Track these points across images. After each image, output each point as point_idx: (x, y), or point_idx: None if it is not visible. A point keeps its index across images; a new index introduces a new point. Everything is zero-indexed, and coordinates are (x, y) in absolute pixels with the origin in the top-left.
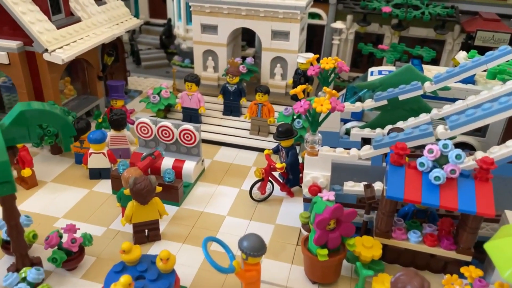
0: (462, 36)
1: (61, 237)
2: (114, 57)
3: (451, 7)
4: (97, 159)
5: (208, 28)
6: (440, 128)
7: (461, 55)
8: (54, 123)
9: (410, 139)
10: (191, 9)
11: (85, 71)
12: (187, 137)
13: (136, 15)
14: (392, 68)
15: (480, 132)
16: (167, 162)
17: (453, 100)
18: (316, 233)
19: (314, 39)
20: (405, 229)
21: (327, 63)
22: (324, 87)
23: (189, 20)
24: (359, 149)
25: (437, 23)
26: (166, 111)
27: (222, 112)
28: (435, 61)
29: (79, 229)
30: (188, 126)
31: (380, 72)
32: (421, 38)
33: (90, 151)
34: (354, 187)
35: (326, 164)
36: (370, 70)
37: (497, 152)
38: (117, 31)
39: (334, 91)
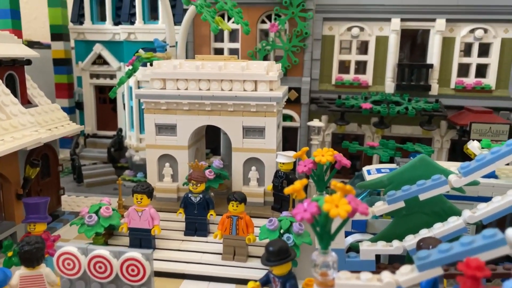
0: (451, 132)
1: None
2: (45, 171)
3: (435, 101)
4: None
5: (165, 129)
6: None
7: (475, 145)
8: None
9: (475, 251)
10: (143, 107)
11: None
12: (133, 270)
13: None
14: (389, 165)
15: None
16: None
17: (478, 199)
18: None
19: (287, 145)
20: None
21: (322, 155)
22: (333, 182)
23: (142, 129)
24: (392, 271)
25: (423, 119)
26: (108, 235)
27: (184, 231)
28: None
29: None
30: (134, 254)
31: (379, 170)
32: (405, 136)
33: None
34: None
35: None
36: (365, 168)
37: None
38: (44, 135)
39: (349, 186)
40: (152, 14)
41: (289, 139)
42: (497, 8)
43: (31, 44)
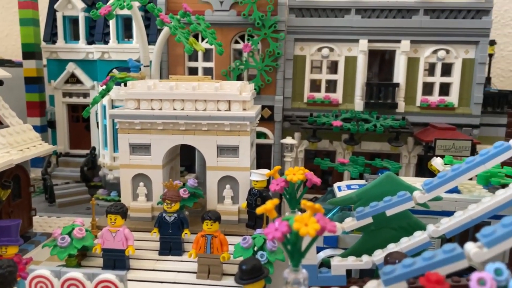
0: (417, 148)
1: None
2: (16, 192)
3: (402, 118)
4: None
5: (139, 148)
6: (471, 247)
7: (438, 161)
8: None
9: (436, 265)
10: (117, 127)
11: None
12: None
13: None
14: (357, 181)
15: None
16: None
17: (441, 213)
18: None
19: (261, 161)
20: None
21: (294, 174)
22: (303, 201)
23: (116, 147)
24: (361, 286)
25: (391, 136)
26: (81, 256)
27: (159, 251)
28: None
29: None
30: (108, 275)
31: (349, 187)
32: (375, 152)
33: None
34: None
35: None
36: (335, 185)
37: None
38: (16, 157)
39: (318, 205)
40: (126, 32)
41: (263, 156)
42: (457, 31)
43: (2, 62)
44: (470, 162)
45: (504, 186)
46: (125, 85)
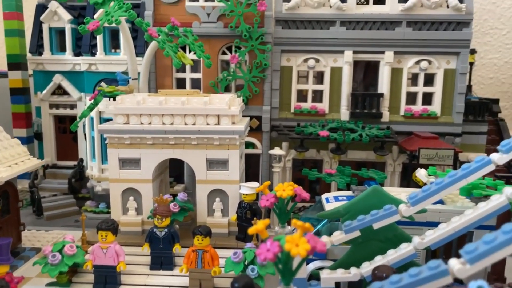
0: (402, 156)
1: None
2: (4, 208)
3: (387, 128)
4: None
5: (129, 163)
6: (455, 264)
7: (422, 173)
8: None
9: (422, 282)
10: (106, 142)
11: None
12: None
13: (41, 158)
14: (345, 193)
15: None
16: None
17: (426, 224)
18: None
19: (249, 171)
20: None
21: (283, 190)
22: (294, 220)
23: (104, 159)
24: None
25: (376, 145)
26: (72, 273)
27: (150, 266)
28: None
29: None
30: None
31: (336, 198)
32: (361, 161)
33: None
34: None
35: None
36: (323, 196)
37: None
38: (5, 174)
39: (308, 224)
40: (113, 43)
41: (251, 165)
42: (439, 42)
43: None
44: (453, 176)
45: (486, 197)
46: (114, 99)
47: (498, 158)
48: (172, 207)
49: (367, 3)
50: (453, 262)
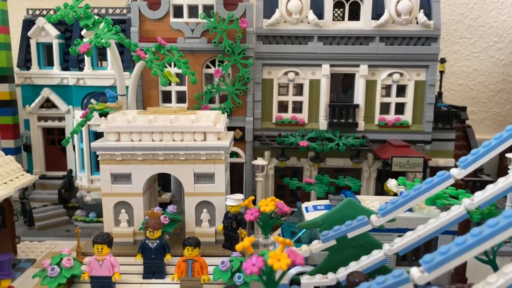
0: (377, 163)
1: None
2: (0, 223)
3: (362, 137)
4: None
5: (120, 177)
6: (415, 272)
7: (392, 183)
8: None
9: None
10: (98, 159)
11: None
12: None
13: (30, 169)
14: (323, 202)
15: None
16: None
17: (397, 230)
18: None
19: (234, 177)
20: None
21: (266, 205)
22: (276, 236)
23: (94, 169)
24: None
25: (352, 153)
26: (69, 284)
27: (143, 275)
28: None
29: None
30: None
31: (315, 207)
32: (338, 168)
33: None
34: None
35: None
36: (303, 206)
37: None
38: (3, 192)
39: (288, 240)
40: (100, 55)
41: (236, 173)
42: (409, 56)
43: None
44: (418, 190)
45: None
46: (105, 115)
47: (457, 173)
48: (162, 219)
49: (343, 20)
50: (414, 271)
